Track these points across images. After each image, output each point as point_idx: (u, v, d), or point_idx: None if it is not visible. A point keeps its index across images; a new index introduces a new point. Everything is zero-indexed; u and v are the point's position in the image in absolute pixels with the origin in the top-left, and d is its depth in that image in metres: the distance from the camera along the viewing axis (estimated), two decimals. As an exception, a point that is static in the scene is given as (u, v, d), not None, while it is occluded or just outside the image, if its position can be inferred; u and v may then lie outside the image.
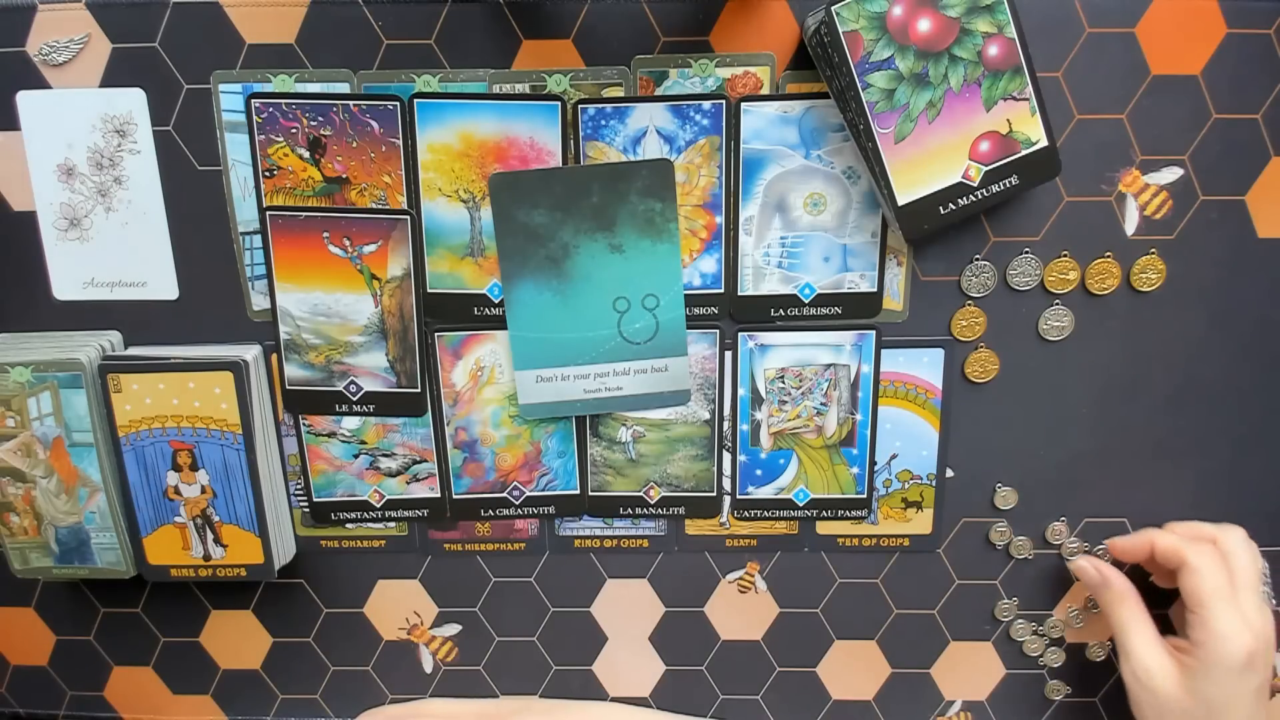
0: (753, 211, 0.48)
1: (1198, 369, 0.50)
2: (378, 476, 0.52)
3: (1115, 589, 0.50)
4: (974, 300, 0.49)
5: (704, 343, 0.50)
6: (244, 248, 0.49)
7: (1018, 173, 0.44)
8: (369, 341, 0.50)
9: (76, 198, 0.48)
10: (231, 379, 0.48)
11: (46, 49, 0.46)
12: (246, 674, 0.58)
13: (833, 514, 0.53)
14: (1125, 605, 0.49)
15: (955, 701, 0.57)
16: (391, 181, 0.47)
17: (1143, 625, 0.48)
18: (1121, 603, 0.49)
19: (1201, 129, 0.47)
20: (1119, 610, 0.49)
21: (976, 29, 0.42)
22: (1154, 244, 0.48)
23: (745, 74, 0.46)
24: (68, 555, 0.51)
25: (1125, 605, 0.49)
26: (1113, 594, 0.50)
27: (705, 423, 0.51)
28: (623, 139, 0.47)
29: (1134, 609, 0.49)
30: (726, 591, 0.55)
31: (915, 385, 0.51)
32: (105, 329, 0.51)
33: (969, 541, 0.54)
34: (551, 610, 0.56)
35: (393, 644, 0.57)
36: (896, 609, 0.55)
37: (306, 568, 0.55)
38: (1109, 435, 0.51)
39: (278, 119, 0.47)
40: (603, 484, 0.53)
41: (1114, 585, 0.50)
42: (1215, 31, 0.45)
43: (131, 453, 0.49)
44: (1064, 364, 0.50)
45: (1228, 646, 0.45)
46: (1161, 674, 0.46)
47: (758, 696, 0.57)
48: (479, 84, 0.46)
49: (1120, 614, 0.49)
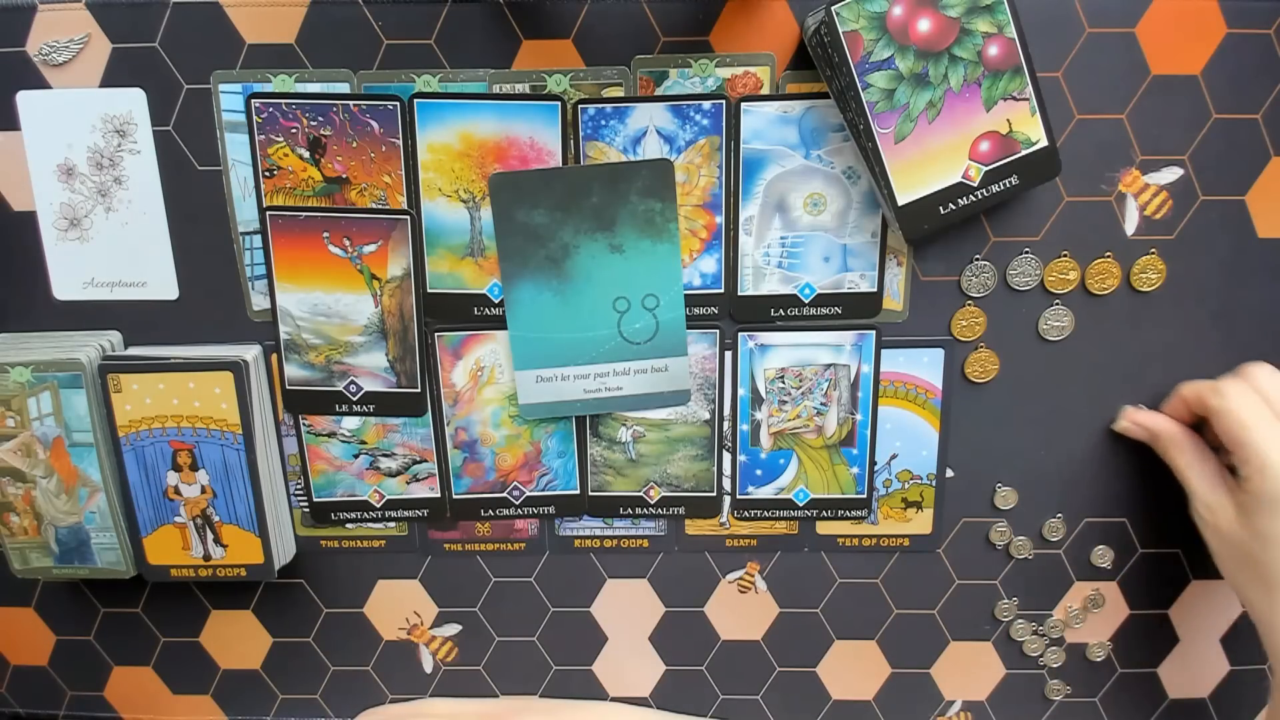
0: (753, 211, 0.48)
1: (1198, 369, 0.50)
2: (378, 476, 0.52)
3: (1165, 435, 0.49)
4: (974, 300, 0.49)
5: (704, 343, 0.50)
6: (244, 248, 0.49)
7: (1018, 173, 0.44)
8: (369, 341, 0.50)
9: (76, 198, 0.48)
10: (231, 379, 0.48)
11: (46, 49, 0.46)
12: (246, 674, 0.58)
13: (833, 514, 0.53)
14: (1179, 449, 0.49)
15: (955, 701, 0.57)
16: (391, 181, 0.47)
17: (1201, 464, 0.48)
18: (1176, 447, 0.49)
19: (1201, 129, 0.47)
20: (1175, 456, 0.49)
21: (976, 29, 0.42)
22: (1154, 244, 0.48)
23: (745, 74, 0.46)
24: (68, 555, 0.51)
25: (1179, 449, 0.49)
26: (1164, 441, 0.49)
27: (705, 423, 0.51)
28: (623, 139, 0.47)
29: (1189, 451, 0.49)
30: (726, 591, 0.55)
31: (915, 385, 0.51)
32: (105, 329, 0.51)
33: (969, 541, 0.54)
34: (551, 610, 0.56)
35: (393, 644, 0.57)
36: (896, 609, 0.55)
37: (306, 568, 0.55)
38: (1109, 435, 0.51)
39: (278, 119, 0.47)
40: (603, 484, 0.53)
41: (1163, 433, 0.49)
42: (1215, 31, 0.45)
43: (131, 453, 0.49)
44: (1064, 364, 0.50)
45: (1271, 476, 0.44)
46: (1220, 510, 0.47)
47: (758, 696, 0.57)
48: (479, 84, 0.46)
49: (1177, 459, 0.49)
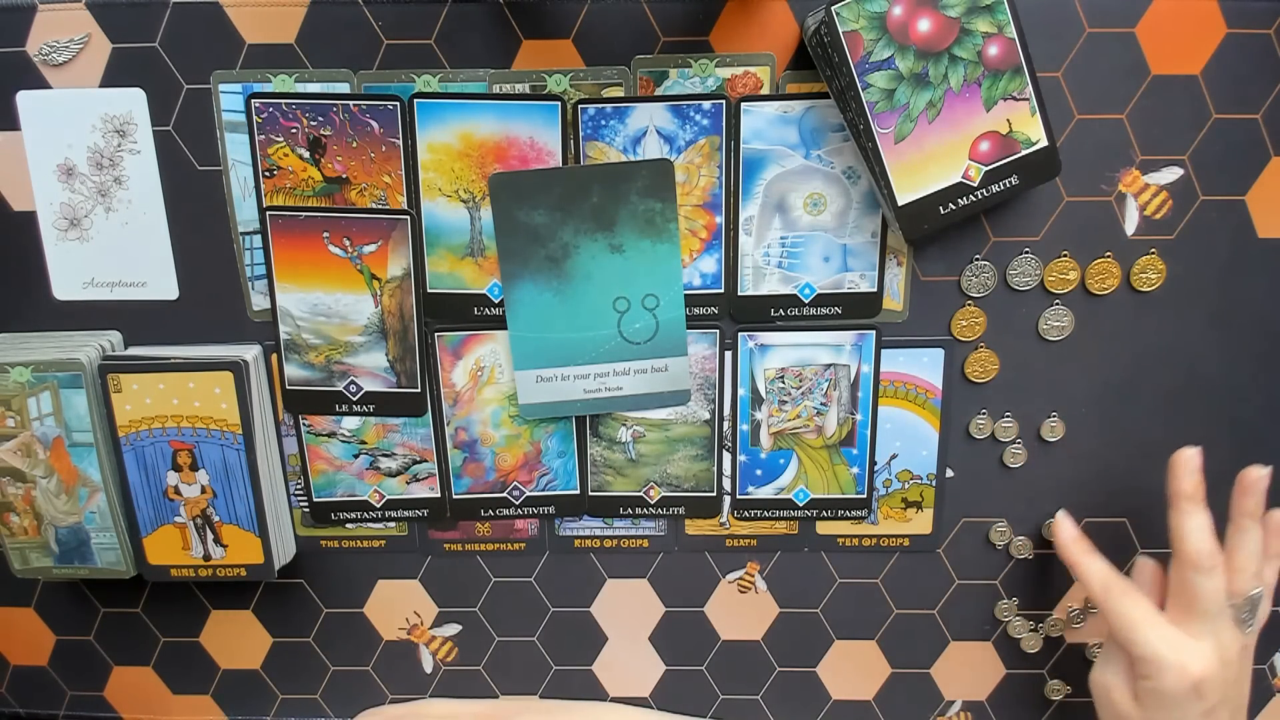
0: (753, 211, 0.48)
1: (1198, 369, 0.50)
2: (378, 476, 0.52)
3: (1099, 581, 0.48)
4: (974, 300, 0.49)
5: (704, 343, 0.50)
6: (244, 248, 0.49)
7: (1018, 173, 0.44)
8: (369, 341, 0.50)
9: (76, 198, 0.48)
10: (231, 379, 0.48)
11: (46, 49, 0.46)
12: (246, 674, 0.58)
13: (833, 514, 0.53)
14: (1118, 602, 0.47)
15: (955, 701, 0.57)
16: (391, 181, 0.47)
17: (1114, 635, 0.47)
18: (1114, 598, 0.47)
19: (1201, 129, 0.47)
20: (1113, 607, 0.47)
21: (976, 29, 0.42)
22: (1154, 244, 0.48)
23: (745, 74, 0.46)
24: (68, 555, 0.51)
25: (1118, 602, 0.47)
26: (1099, 590, 0.48)
27: (705, 423, 0.51)
28: (623, 139, 0.47)
29: (1106, 626, 0.48)
30: (726, 591, 0.55)
31: (915, 385, 0.51)
32: (105, 329, 0.51)
33: (969, 541, 0.54)
34: (551, 610, 0.56)
35: (393, 644, 0.57)
36: (896, 609, 0.55)
37: (306, 568, 0.55)
38: (1109, 435, 0.51)
39: (278, 119, 0.47)
40: (603, 484, 0.53)
41: (1096, 579, 0.48)
42: (1215, 31, 0.45)
43: (131, 453, 0.49)
44: (1064, 364, 0.50)
45: (1152, 671, 0.44)
46: (1117, 689, 0.47)
47: (758, 696, 0.57)
48: (479, 84, 0.46)
49: (1115, 611, 0.47)
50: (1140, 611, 0.46)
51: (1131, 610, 0.46)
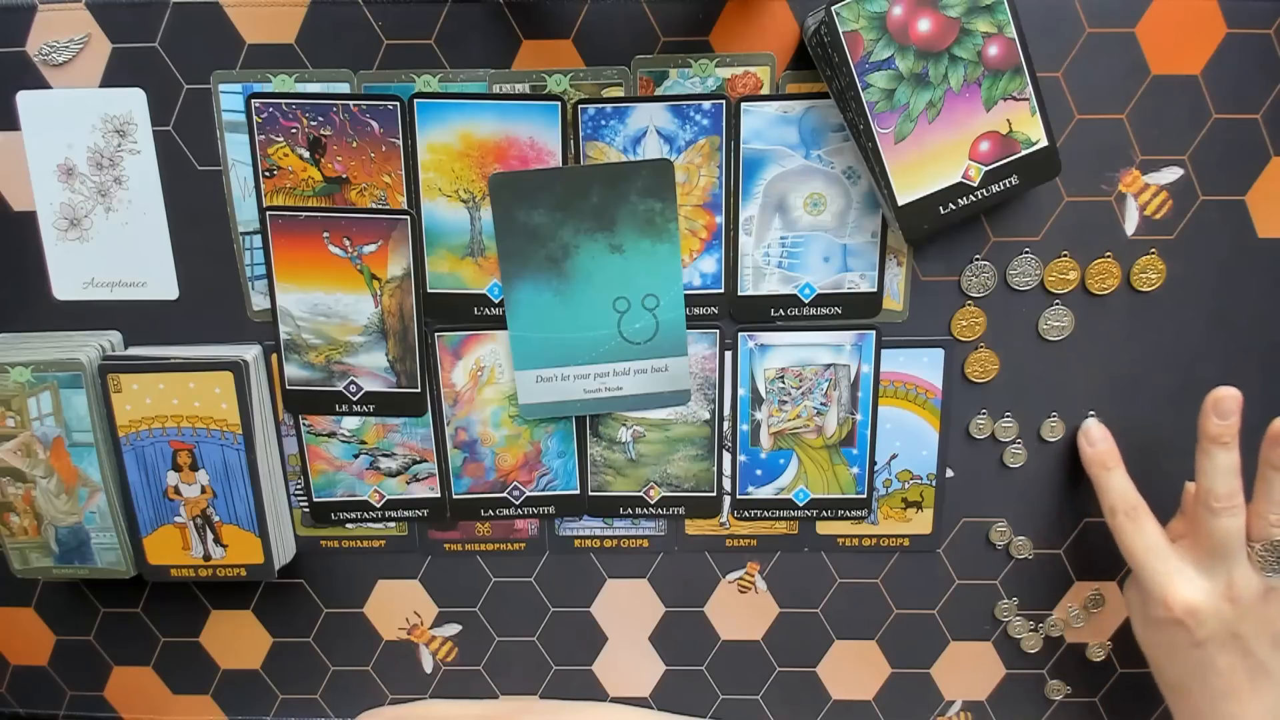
0: (753, 211, 0.48)
1: (1198, 369, 0.50)
2: (378, 476, 0.52)
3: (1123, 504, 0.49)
4: (974, 300, 0.49)
5: (704, 343, 0.50)
6: (244, 248, 0.49)
7: (1018, 173, 0.44)
8: (369, 341, 0.50)
9: (76, 198, 0.48)
10: (231, 379, 0.48)
11: (46, 49, 0.46)
12: (246, 674, 0.58)
13: (833, 514, 0.53)
14: (1137, 527, 0.48)
15: (955, 701, 0.57)
16: (391, 181, 0.47)
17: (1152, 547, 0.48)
18: (1133, 522, 0.48)
19: (1201, 129, 0.47)
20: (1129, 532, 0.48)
21: (976, 29, 0.42)
22: (1154, 244, 0.48)
23: (745, 74, 0.46)
24: (68, 555, 0.51)
25: (1137, 527, 0.48)
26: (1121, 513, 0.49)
27: (705, 423, 0.51)
28: (623, 139, 0.47)
29: (1143, 534, 0.48)
30: (726, 591, 0.55)
31: (915, 385, 0.51)
32: (105, 329, 0.51)
33: (969, 541, 0.54)
34: (551, 610, 0.56)
35: (393, 644, 0.57)
36: (896, 609, 0.55)
37: (306, 568, 0.55)
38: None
39: (278, 119, 0.47)
40: (603, 484, 0.53)
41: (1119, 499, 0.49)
42: (1215, 31, 0.45)
43: (131, 453, 0.49)
44: (1064, 364, 0.50)
45: (1146, 597, 0.47)
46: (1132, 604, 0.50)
47: (758, 696, 0.57)
48: (479, 84, 0.46)
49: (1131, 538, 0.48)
50: (1142, 539, 0.47)
51: (1133, 537, 0.48)
